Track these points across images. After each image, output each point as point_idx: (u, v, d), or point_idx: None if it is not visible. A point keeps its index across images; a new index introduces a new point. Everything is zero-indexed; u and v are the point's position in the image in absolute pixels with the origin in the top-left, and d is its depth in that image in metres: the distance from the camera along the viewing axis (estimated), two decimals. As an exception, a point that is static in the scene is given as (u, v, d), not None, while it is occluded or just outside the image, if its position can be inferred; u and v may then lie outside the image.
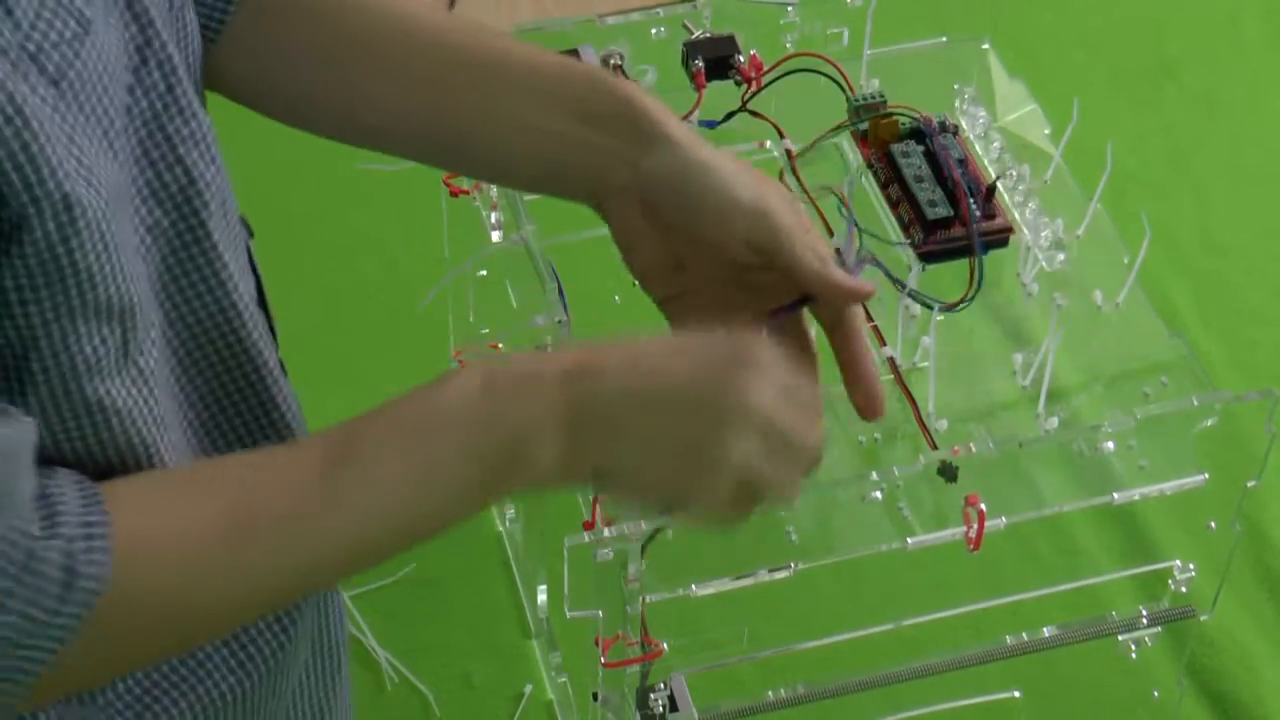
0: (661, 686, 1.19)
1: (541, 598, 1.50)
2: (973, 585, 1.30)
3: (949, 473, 1.14)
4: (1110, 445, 1.18)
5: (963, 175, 1.30)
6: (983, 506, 1.14)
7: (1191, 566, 1.32)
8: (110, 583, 0.69)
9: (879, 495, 1.15)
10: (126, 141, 0.73)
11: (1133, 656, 1.35)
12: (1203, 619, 1.32)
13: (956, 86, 1.47)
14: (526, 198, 1.29)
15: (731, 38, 1.36)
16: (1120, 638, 1.34)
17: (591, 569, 1.10)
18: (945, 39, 1.49)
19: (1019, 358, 1.43)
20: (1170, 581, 1.33)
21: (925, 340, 1.40)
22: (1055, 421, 1.32)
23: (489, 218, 1.39)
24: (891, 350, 1.31)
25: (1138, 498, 1.23)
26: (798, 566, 1.16)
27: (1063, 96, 1.42)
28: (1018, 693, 1.44)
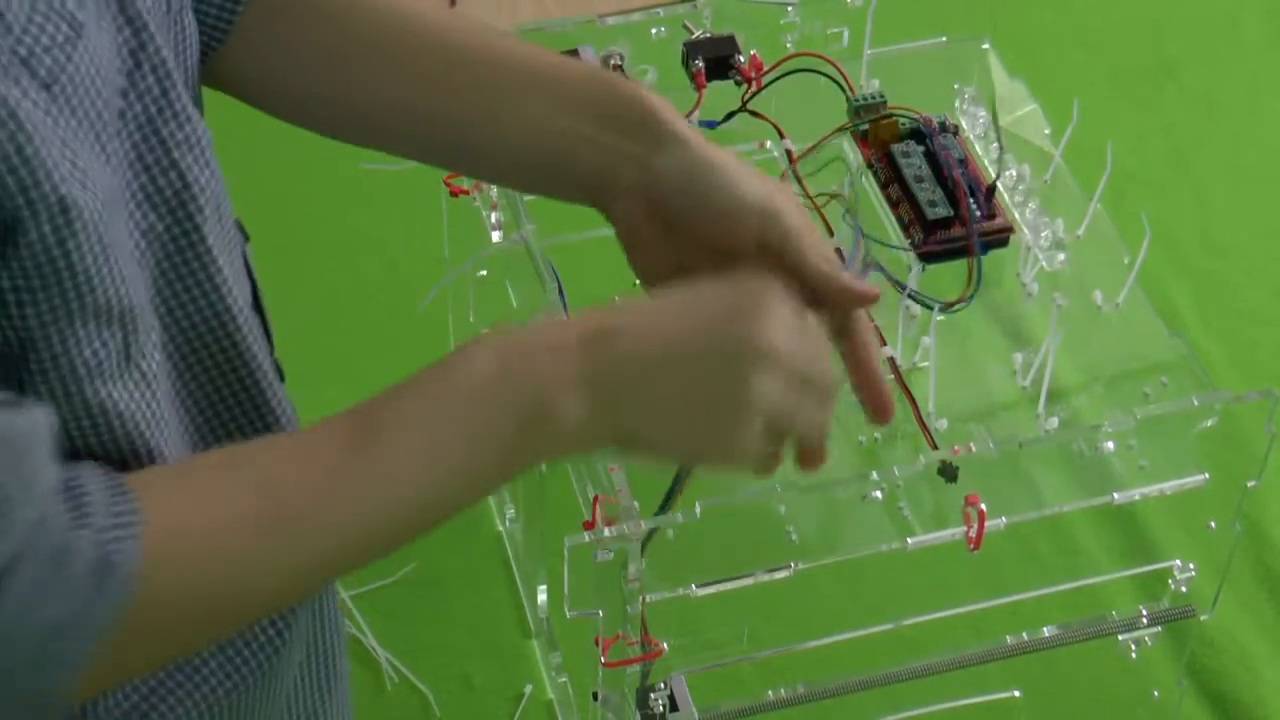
0: (661, 686, 1.19)
1: (541, 598, 1.49)
2: (973, 585, 1.30)
3: (949, 473, 1.14)
4: (1110, 445, 1.19)
5: (963, 175, 1.30)
6: (983, 506, 1.14)
7: (1191, 566, 1.32)
8: (143, 573, 0.68)
9: (879, 495, 1.15)
10: (120, 145, 0.73)
11: (1133, 656, 1.35)
12: (1203, 619, 1.32)
13: (956, 86, 1.47)
14: (526, 197, 1.29)
15: (731, 38, 1.36)
16: (1120, 638, 1.34)
17: (591, 569, 1.10)
18: (945, 39, 1.49)
19: (1019, 358, 1.43)
20: (1170, 581, 1.33)
21: (925, 340, 1.40)
22: (1055, 421, 1.32)
23: (489, 218, 1.39)
24: (891, 350, 1.31)
25: (1138, 498, 1.23)
26: (798, 566, 1.16)
27: (1063, 96, 1.42)
28: (1018, 693, 1.44)
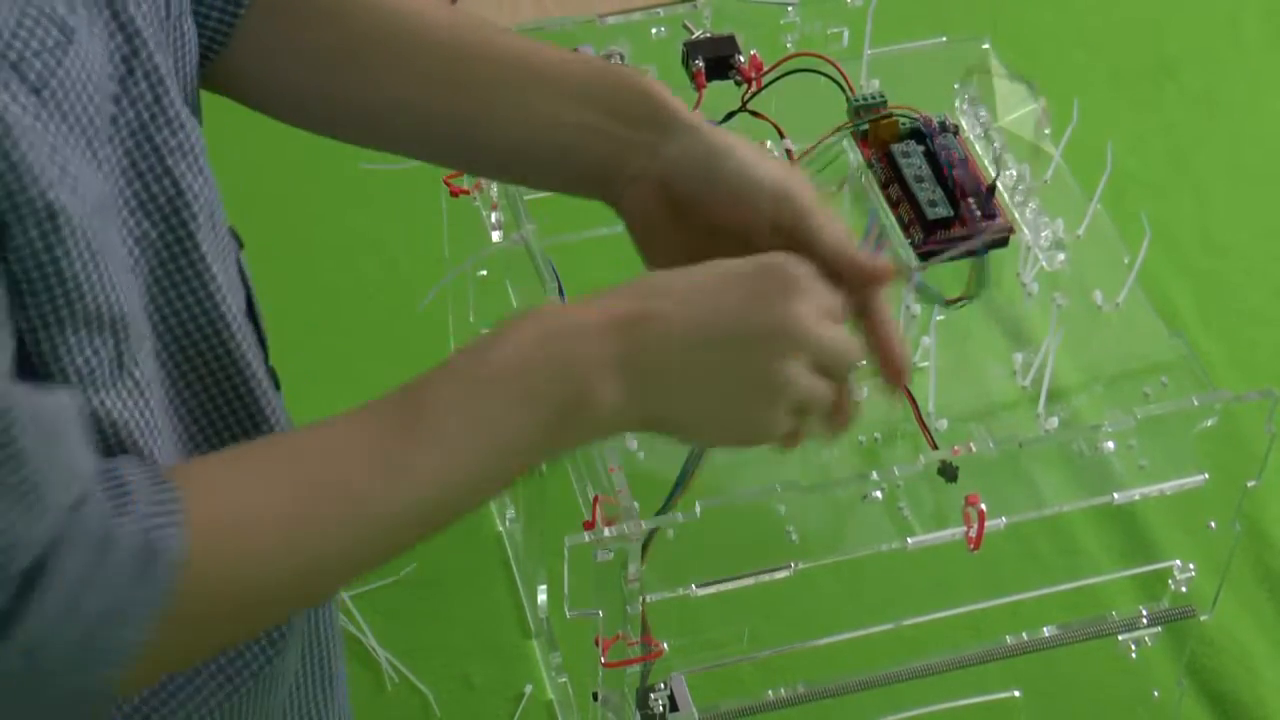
0: (661, 686, 1.19)
1: (541, 598, 1.49)
2: (973, 585, 1.30)
3: (949, 473, 1.14)
4: (1110, 445, 1.19)
5: (963, 175, 1.30)
6: (983, 506, 1.14)
7: (1191, 566, 1.32)
8: (188, 562, 0.68)
9: (879, 495, 1.15)
10: (113, 152, 0.73)
11: (1133, 656, 1.35)
12: (1203, 619, 1.32)
13: (956, 86, 1.47)
14: (526, 197, 1.29)
15: (731, 38, 1.36)
16: (1120, 638, 1.34)
17: (591, 569, 1.10)
18: (945, 39, 1.49)
19: (1019, 358, 1.43)
20: (1170, 581, 1.33)
21: (925, 340, 1.40)
22: (1055, 421, 1.32)
23: (489, 218, 1.39)
24: (892, 350, 1.31)
25: (1138, 498, 1.23)
26: (798, 566, 1.16)
27: (1063, 96, 1.42)
28: (1018, 693, 1.44)
